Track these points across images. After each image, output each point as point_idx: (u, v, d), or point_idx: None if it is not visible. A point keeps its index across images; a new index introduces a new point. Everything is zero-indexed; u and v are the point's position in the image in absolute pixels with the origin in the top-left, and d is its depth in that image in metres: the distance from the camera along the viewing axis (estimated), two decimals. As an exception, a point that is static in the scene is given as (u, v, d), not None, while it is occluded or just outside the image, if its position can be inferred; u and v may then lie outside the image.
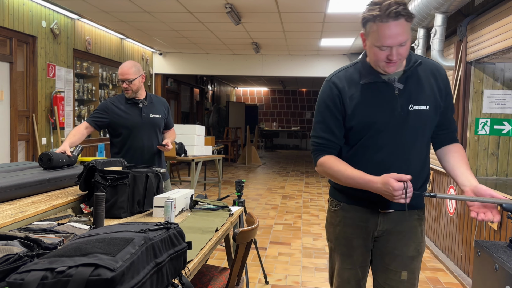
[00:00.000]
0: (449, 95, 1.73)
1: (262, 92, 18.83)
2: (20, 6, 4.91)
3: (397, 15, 1.47)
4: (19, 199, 2.11)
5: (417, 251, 1.76)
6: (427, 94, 1.66)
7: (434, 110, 1.67)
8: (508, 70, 3.68)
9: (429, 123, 1.69)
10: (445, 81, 1.72)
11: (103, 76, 7.33)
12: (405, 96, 1.64)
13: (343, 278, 1.81)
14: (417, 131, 1.66)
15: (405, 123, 1.64)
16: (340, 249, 1.81)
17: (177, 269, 1.33)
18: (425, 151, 1.73)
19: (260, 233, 4.98)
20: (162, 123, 3.18)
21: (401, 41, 1.53)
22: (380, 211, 1.72)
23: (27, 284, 0.99)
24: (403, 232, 1.74)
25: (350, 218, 1.77)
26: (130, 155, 3.01)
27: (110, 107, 3.05)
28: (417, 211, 1.77)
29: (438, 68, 1.73)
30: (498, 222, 3.01)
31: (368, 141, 1.67)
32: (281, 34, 6.86)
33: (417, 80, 1.67)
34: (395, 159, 1.66)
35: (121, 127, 3.04)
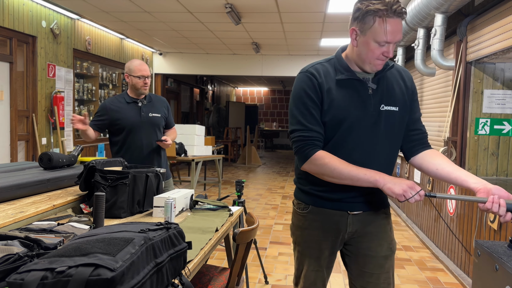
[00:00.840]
0: (415, 95, 1.75)
1: (262, 92, 18.83)
2: (20, 6, 4.91)
3: (400, 13, 1.50)
4: (19, 199, 2.11)
5: (390, 250, 1.77)
6: (396, 96, 1.68)
7: (403, 111, 1.69)
8: (508, 70, 3.68)
9: (398, 124, 1.70)
10: (411, 82, 1.75)
11: (103, 76, 7.33)
12: (378, 96, 1.65)
13: (310, 280, 1.79)
14: (388, 131, 1.67)
15: (377, 122, 1.64)
16: (308, 252, 1.78)
17: (177, 269, 1.33)
18: (394, 153, 1.74)
19: (260, 233, 4.98)
20: (162, 122, 3.17)
21: (399, 39, 1.55)
22: (349, 212, 1.71)
23: (27, 284, 0.99)
24: (374, 232, 1.74)
25: (319, 221, 1.74)
26: (129, 154, 3.01)
27: (109, 107, 3.05)
28: (383, 209, 1.78)
29: (404, 70, 1.77)
30: (498, 223, 3.01)
31: (341, 139, 1.64)
32: (281, 34, 6.86)
33: (387, 82, 1.69)
34: (366, 158, 1.64)
35: (120, 126, 3.03)
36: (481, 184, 1.53)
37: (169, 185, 3.20)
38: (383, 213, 1.77)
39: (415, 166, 1.76)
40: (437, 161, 1.67)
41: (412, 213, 5.52)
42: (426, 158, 1.71)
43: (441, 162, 1.66)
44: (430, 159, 1.70)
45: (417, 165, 1.74)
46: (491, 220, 3.12)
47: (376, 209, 1.74)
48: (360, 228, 1.73)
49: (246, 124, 13.35)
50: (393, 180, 1.52)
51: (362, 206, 1.71)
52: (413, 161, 1.76)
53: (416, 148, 1.75)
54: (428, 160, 1.70)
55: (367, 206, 1.72)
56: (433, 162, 1.68)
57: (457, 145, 3.82)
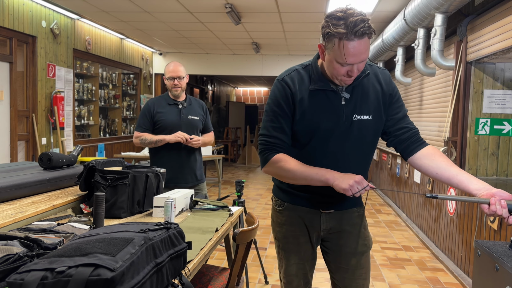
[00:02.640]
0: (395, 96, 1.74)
1: (262, 92, 18.82)
2: (20, 6, 4.91)
3: (362, 33, 1.46)
4: (19, 199, 2.11)
5: (365, 246, 1.83)
6: (371, 103, 1.68)
7: (378, 118, 1.70)
8: (508, 70, 3.68)
9: (372, 132, 1.71)
10: (388, 84, 1.73)
11: (103, 76, 7.33)
12: (351, 106, 1.66)
13: (291, 273, 1.85)
14: (360, 140, 1.69)
15: (349, 132, 1.66)
16: (288, 247, 1.84)
17: (177, 269, 1.33)
18: (367, 159, 1.77)
19: (260, 233, 4.98)
20: (200, 125, 3.20)
21: (363, 59, 1.53)
22: (321, 211, 1.77)
23: (27, 284, 0.99)
24: (348, 230, 1.81)
25: (295, 217, 1.81)
26: (168, 155, 3.04)
27: (152, 107, 3.10)
28: (356, 208, 1.83)
29: (382, 72, 1.75)
30: (498, 223, 3.01)
31: (312, 147, 1.69)
32: (281, 34, 6.86)
33: (362, 90, 1.68)
34: (338, 166, 1.66)
35: (161, 126, 3.08)
36: (484, 190, 1.53)
37: (203, 188, 3.22)
38: (356, 212, 1.83)
39: (414, 166, 1.75)
40: (436, 163, 1.65)
41: (412, 213, 5.52)
42: (424, 161, 1.68)
43: (440, 165, 1.64)
44: (429, 161, 1.67)
45: (416, 166, 1.74)
46: (491, 220, 3.12)
47: (348, 208, 1.80)
48: (335, 226, 1.80)
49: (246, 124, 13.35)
50: (341, 176, 1.56)
51: (334, 206, 1.77)
52: (411, 162, 1.75)
53: (411, 148, 1.73)
54: (428, 163, 1.67)
55: (339, 205, 1.77)
56: (432, 165, 1.66)
57: (457, 145, 3.82)
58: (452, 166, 1.62)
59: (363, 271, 1.83)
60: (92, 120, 6.90)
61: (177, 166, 3.04)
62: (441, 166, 1.63)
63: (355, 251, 1.81)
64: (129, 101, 8.43)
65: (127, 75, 8.39)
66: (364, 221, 1.86)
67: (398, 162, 6.34)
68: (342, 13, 1.48)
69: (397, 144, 1.76)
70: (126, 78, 8.34)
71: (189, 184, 3.11)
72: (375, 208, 6.60)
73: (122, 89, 7.96)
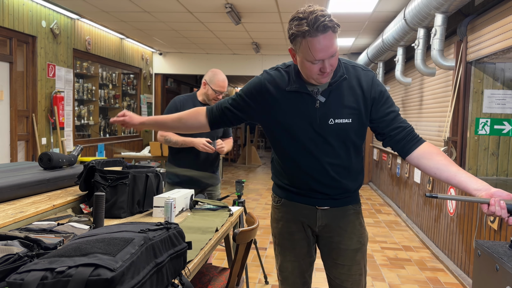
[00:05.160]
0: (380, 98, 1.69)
1: (262, 92, 18.80)
2: (20, 6, 4.91)
3: (325, 28, 1.47)
4: (19, 199, 2.11)
5: (360, 243, 1.84)
6: (350, 107, 1.66)
7: (359, 121, 1.68)
8: (508, 70, 3.68)
9: (354, 135, 1.69)
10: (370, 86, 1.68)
11: (103, 76, 7.33)
12: (325, 110, 1.65)
13: (287, 270, 1.87)
14: (340, 143, 1.68)
15: (324, 136, 1.67)
16: (283, 243, 1.87)
17: (177, 269, 1.33)
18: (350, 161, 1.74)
19: (260, 233, 4.98)
20: (221, 131, 3.16)
21: (332, 53, 1.52)
22: (317, 207, 1.79)
23: (27, 284, 0.99)
24: (343, 227, 1.82)
25: (291, 213, 1.83)
26: (187, 156, 2.99)
27: (179, 107, 3.01)
28: (352, 206, 1.84)
29: (365, 74, 1.71)
30: (498, 223, 3.01)
31: (287, 148, 1.73)
32: (281, 34, 6.86)
33: (341, 93, 1.66)
34: (314, 170, 1.70)
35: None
36: (483, 189, 1.53)
37: (216, 190, 3.20)
38: (352, 209, 1.84)
39: (413, 165, 1.75)
40: (434, 163, 1.63)
41: (412, 213, 5.52)
42: (422, 160, 1.67)
43: (438, 164, 1.62)
44: (427, 161, 1.65)
45: (415, 165, 1.73)
46: (491, 220, 3.12)
47: (344, 205, 1.81)
48: (330, 223, 1.81)
49: (246, 124, 13.34)
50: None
51: (329, 202, 1.79)
52: (409, 160, 1.74)
53: (407, 147, 1.71)
54: (425, 163, 1.66)
55: (334, 202, 1.79)
56: (430, 165, 1.64)
57: (457, 145, 3.82)
58: (450, 165, 1.61)
59: (359, 267, 1.84)
60: (92, 120, 6.90)
61: (196, 166, 3.00)
62: (439, 166, 1.62)
63: (351, 248, 1.82)
64: (129, 101, 8.43)
65: (127, 75, 8.39)
66: (360, 218, 1.87)
67: (398, 162, 6.34)
68: (303, 13, 1.50)
69: (393, 145, 1.75)
70: (126, 78, 8.34)
71: (205, 184, 3.11)
72: (375, 208, 6.59)
73: (122, 89, 7.96)
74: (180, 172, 3.03)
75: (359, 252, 1.84)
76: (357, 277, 1.84)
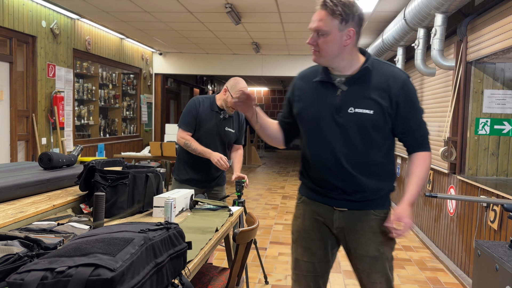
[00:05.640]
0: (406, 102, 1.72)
1: (262, 92, 18.82)
2: (20, 6, 4.91)
3: (321, 5, 1.64)
4: (19, 199, 2.11)
5: (378, 251, 1.77)
6: (373, 99, 1.69)
7: (381, 115, 1.70)
8: (508, 70, 3.68)
9: (374, 127, 1.71)
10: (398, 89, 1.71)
11: (103, 76, 7.33)
12: (346, 99, 1.71)
13: (300, 270, 1.86)
14: (357, 134, 1.71)
15: (341, 124, 1.71)
16: (300, 241, 1.87)
17: (177, 269, 1.33)
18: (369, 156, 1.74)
19: (260, 233, 4.98)
20: (233, 138, 3.14)
21: (316, 28, 1.66)
22: (335, 208, 1.78)
23: (27, 284, 0.99)
24: (360, 231, 1.78)
25: (309, 211, 1.84)
26: (196, 158, 2.98)
27: (198, 107, 3.01)
28: (373, 211, 1.78)
29: (394, 76, 1.72)
30: (498, 222, 3.00)
31: (309, 137, 1.81)
32: (281, 34, 6.86)
33: (366, 85, 1.71)
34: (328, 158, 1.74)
35: (196, 129, 3.01)
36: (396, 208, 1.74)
37: (222, 190, 3.21)
38: (373, 215, 1.78)
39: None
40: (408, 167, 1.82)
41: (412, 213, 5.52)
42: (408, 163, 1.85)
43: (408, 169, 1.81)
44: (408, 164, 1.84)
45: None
46: (491, 220, 3.12)
47: (363, 209, 1.77)
48: (347, 225, 1.78)
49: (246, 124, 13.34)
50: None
51: (347, 204, 1.77)
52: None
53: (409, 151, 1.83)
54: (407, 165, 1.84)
55: (352, 204, 1.76)
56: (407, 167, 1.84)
57: (457, 145, 3.82)
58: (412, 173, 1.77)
59: (379, 275, 1.78)
60: (92, 120, 6.90)
61: (204, 166, 2.99)
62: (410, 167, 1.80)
63: (368, 254, 1.77)
64: (129, 101, 8.43)
65: (127, 75, 8.39)
66: (381, 226, 1.77)
67: (398, 162, 6.34)
68: None
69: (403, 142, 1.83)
70: (126, 78, 8.34)
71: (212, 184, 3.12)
72: (375, 208, 6.59)
73: (122, 89, 7.96)
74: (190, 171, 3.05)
75: (379, 261, 1.77)
76: (378, 285, 1.78)
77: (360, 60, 1.75)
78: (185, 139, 2.97)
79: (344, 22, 1.63)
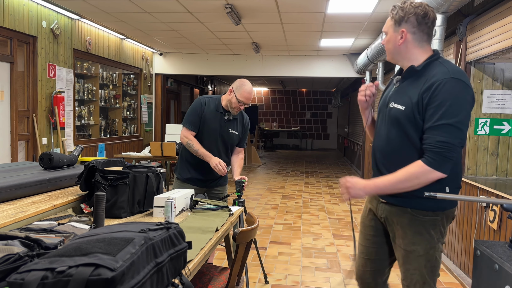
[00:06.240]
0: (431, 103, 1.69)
1: (262, 92, 18.82)
2: (20, 6, 4.91)
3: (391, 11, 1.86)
4: (20, 199, 2.12)
5: (413, 245, 1.81)
6: (408, 96, 1.79)
7: (410, 112, 1.75)
8: (508, 70, 3.69)
9: (406, 122, 1.76)
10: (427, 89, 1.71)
11: (104, 76, 7.33)
12: (393, 94, 1.89)
13: (358, 251, 2.10)
14: (394, 126, 1.83)
15: (385, 118, 1.89)
16: (360, 226, 2.13)
17: (177, 268, 1.33)
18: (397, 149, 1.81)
19: (260, 233, 4.99)
20: (236, 140, 3.14)
21: (382, 29, 1.94)
22: (380, 199, 1.94)
23: (27, 284, 0.99)
24: (397, 225, 1.89)
25: (368, 202, 2.07)
26: (197, 158, 2.98)
27: (204, 106, 3.01)
28: (410, 210, 1.81)
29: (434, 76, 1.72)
30: (497, 222, 3.01)
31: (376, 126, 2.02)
32: (281, 34, 6.87)
33: (410, 82, 1.83)
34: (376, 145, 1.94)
35: (200, 129, 3.01)
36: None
37: (224, 190, 3.21)
38: (408, 213, 1.83)
39: None
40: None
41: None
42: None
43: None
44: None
45: None
46: (491, 220, 3.12)
47: (399, 205, 1.85)
48: (388, 216, 1.91)
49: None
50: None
51: (387, 197, 1.89)
52: None
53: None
54: None
55: (391, 198, 1.87)
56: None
57: (457, 145, 3.82)
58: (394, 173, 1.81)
59: (411, 267, 1.84)
60: (93, 120, 6.90)
61: (207, 166, 2.98)
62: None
63: (401, 247, 1.86)
64: (130, 101, 8.43)
65: (127, 75, 8.39)
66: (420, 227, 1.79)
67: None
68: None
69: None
70: (127, 78, 8.34)
71: (214, 184, 3.12)
72: (375, 208, 6.60)
73: (122, 89, 7.96)
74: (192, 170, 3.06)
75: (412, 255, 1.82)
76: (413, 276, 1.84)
77: (421, 60, 1.81)
78: (188, 139, 2.98)
79: (397, 24, 1.82)
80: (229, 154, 3.17)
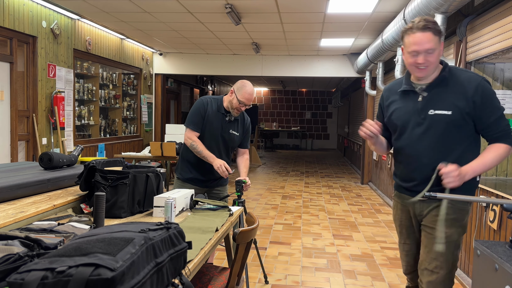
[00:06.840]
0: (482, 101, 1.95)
1: (262, 92, 18.83)
2: (20, 6, 4.91)
3: (424, 27, 1.89)
4: (20, 199, 2.12)
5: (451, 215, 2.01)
6: (451, 102, 1.96)
7: (459, 115, 1.95)
8: (508, 70, 3.69)
9: (453, 126, 1.97)
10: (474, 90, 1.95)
11: (103, 76, 7.33)
12: (427, 102, 2.01)
13: (400, 249, 2.28)
14: (436, 133, 1.98)
15: (423, 125, 2.01)
16: (396, 227, 2.29)
17: (177, 268, 1.33)
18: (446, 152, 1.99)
19: (260, 233, 4.99)
20: (237, 141, 3.13)
21: (427, 49, 1.90)
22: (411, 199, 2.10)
23: (27, 284, 0.99)
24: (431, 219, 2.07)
25: (399, 203, 2.22)
26: (198, 158, 2.98)
27: (206, 107, 3.00)
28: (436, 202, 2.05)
29: (470, 80, 1.98)
30: (498, 222, 3.00)
31: (397, 139, 2.14)
32: (281, 34, 6.87)
33: (444, 89, 1.99)
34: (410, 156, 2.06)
35: (202, 129, 3.00)
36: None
37: (224, 191, 3.21)
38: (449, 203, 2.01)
39: None
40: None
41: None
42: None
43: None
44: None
45: None
46: (491, 220, 3.12)
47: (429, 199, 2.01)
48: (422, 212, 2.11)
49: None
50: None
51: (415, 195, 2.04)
52: None
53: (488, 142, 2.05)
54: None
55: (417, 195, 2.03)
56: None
57: (457, 145, 3.82)
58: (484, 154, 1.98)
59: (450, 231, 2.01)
60: (93, 120, 6.91)
61: (208, 166, 2.98)
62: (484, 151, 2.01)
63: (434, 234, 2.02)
64: (130, 101, 8.43)
65: (127, 75, 8.39)
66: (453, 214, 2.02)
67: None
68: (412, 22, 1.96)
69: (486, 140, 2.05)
70: (127, 78, 8.35)
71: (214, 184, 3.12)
72: (375, 208, 6.60)
73: (122, 89, 7.97)
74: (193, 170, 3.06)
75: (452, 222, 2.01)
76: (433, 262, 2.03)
77: (439, 68, 2.02)
78: (192, 140, 2.97)
79: (439, 38, 1.94)
80: (230, 154, 3.17)
